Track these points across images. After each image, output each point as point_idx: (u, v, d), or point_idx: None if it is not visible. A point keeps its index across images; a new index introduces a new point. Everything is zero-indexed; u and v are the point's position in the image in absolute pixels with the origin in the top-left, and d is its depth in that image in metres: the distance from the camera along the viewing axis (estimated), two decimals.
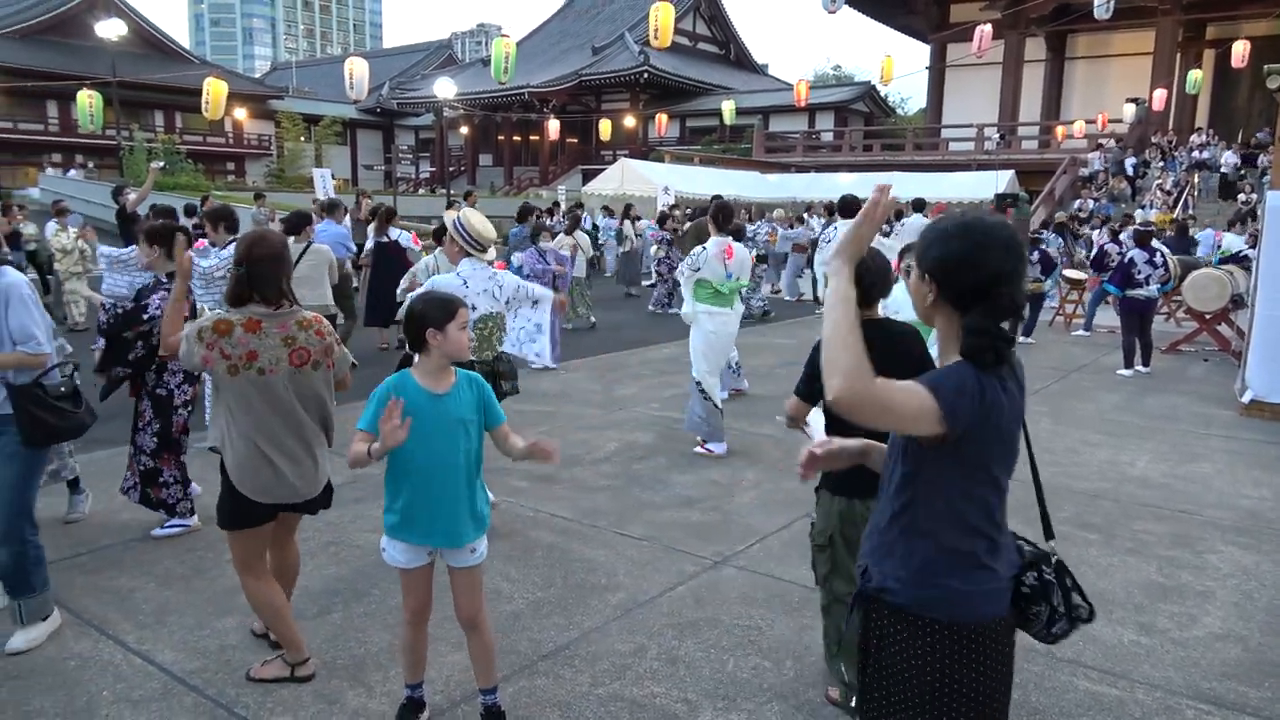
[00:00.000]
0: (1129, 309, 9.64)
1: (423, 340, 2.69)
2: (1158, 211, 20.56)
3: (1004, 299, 1.71)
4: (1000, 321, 1.71)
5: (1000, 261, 1.70)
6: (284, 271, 3.07)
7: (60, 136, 41.63)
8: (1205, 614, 3.92)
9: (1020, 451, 1.81)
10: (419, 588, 2.88)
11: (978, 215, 1.80)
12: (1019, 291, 1.73)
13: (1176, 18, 27.02)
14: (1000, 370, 1.71)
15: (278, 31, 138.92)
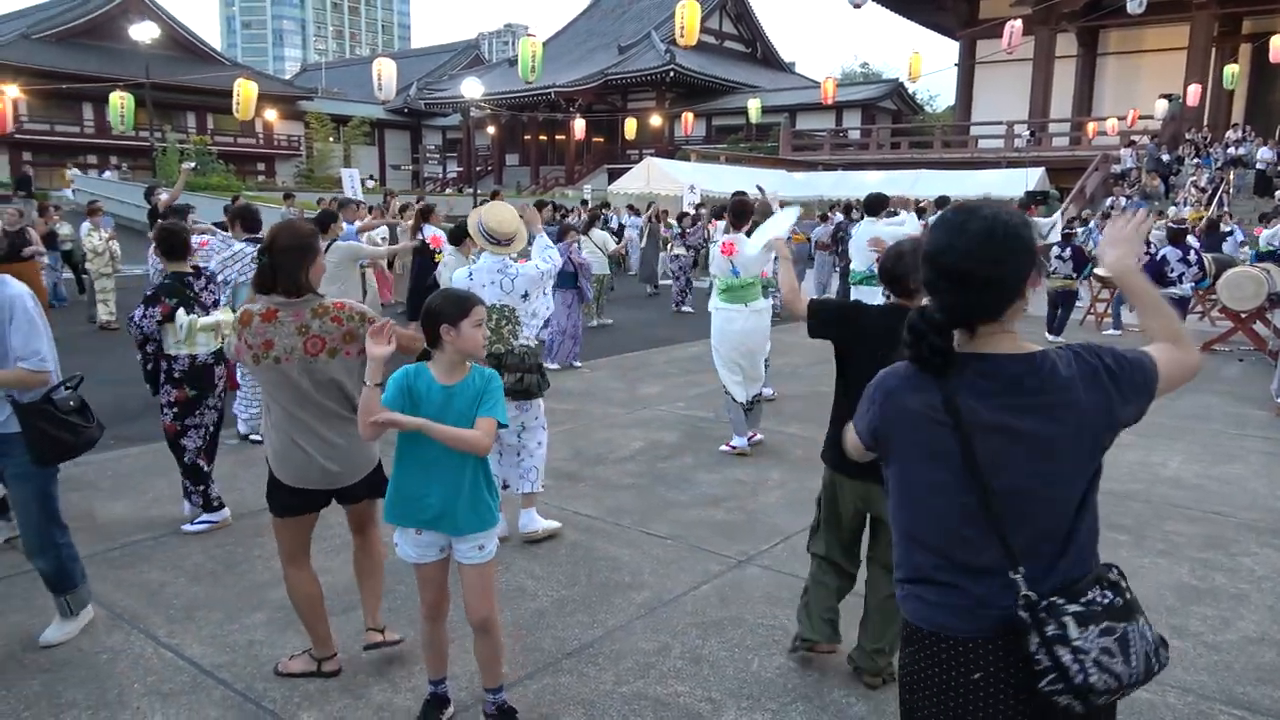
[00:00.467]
0: None
1: (438, 336, 2.70)
2: (1191, 209, 20.22)
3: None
4: (926, 316, 1.65)
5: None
6: (304, 262, 3.05)
7: (95, 138, 42.29)
8: (1239, 617, 3.85)
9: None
10: (433, 583, 2.91)
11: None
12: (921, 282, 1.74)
13: (1212, 11, 26.55)
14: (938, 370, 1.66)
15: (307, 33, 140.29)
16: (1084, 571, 1.65)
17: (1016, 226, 1.64)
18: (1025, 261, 1.64)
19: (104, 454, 6.07)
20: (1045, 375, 1.63)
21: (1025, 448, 1.62)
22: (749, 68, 46.76)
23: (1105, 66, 31.08)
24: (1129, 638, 1.58)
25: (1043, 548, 1.64)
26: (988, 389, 1.64)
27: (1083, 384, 1.63)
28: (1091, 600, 1.59)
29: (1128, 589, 1.65)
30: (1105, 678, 1.56)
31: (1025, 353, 1.66)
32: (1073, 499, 1.65)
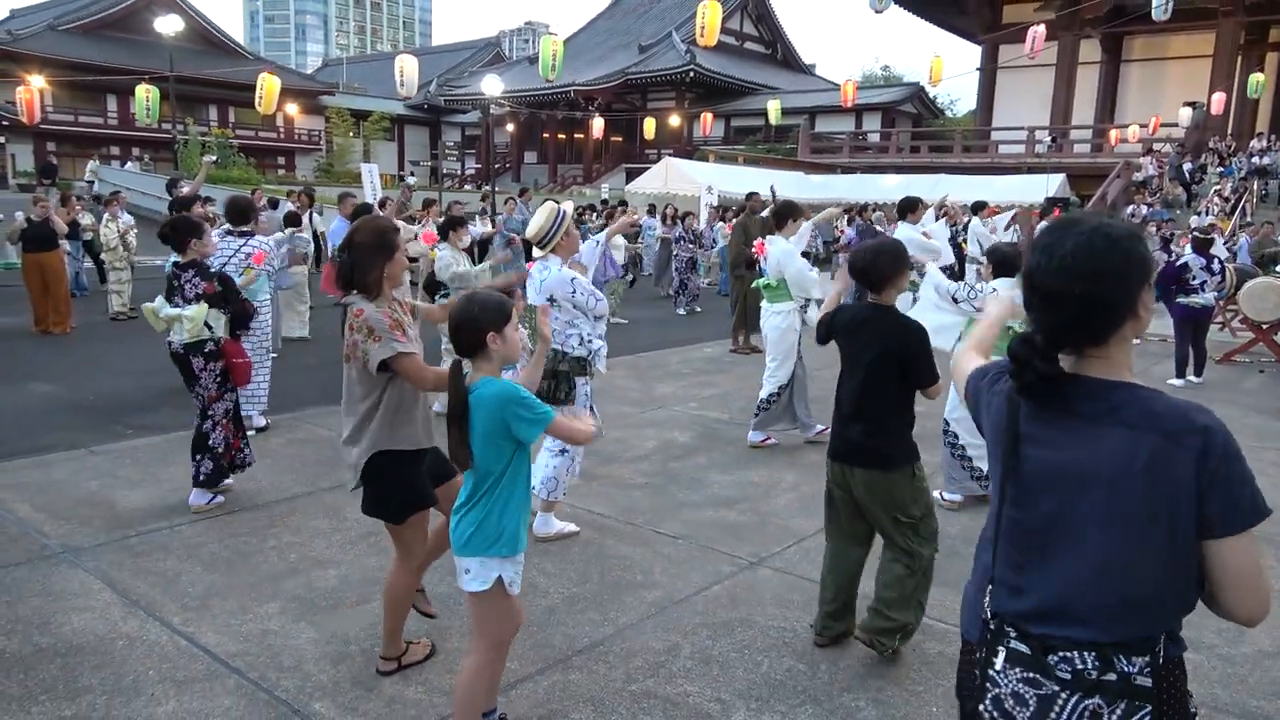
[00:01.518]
0: (1183, 316, 9.41)
1: (481, 344, 2.56)
2: (1212, 218, 20.04)
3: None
4: (1029, 340, 1.53)
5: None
6: (376, 260, 2.99)
7: (118, 129, 42.69)
8: (1255, 631, 3.82)
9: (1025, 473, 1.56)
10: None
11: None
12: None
13: (1238, 19, 26.31)
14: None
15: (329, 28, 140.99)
16: (1098, 635, 1.47)
17: (1119, 238, 1.47)
18: (1132, 278, 1.47)
19: (123, 443, 6.14)
20: (1110, 405, 1.49)
21: (1052, 469, 1.52)
22: (769, 69, 46.69)
23: (1129, 73, 30.86)
24: (1062, 704, 1.45)
25: (1045, 576, 1.53)
26: (1051, 402, 1.53)
27: (1148, 451, 1.44)
28: (1060, 656, 1.47)
29: (1140, 680, 1.45)
30: (996, 715, 1.51)
31: (1119, 381, 1.51)
32: (1110, 550, 1.47)
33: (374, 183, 19.56)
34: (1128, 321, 1.49)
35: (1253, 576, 1.45)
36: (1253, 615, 1.47)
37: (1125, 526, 1.45)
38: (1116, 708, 1.43)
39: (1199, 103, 25.24)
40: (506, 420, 2.48)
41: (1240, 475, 1.44)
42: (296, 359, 9.26)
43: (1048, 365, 1.49)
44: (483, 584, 2.57)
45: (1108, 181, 24.22)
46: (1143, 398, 1.47)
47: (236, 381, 5.00)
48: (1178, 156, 24.99)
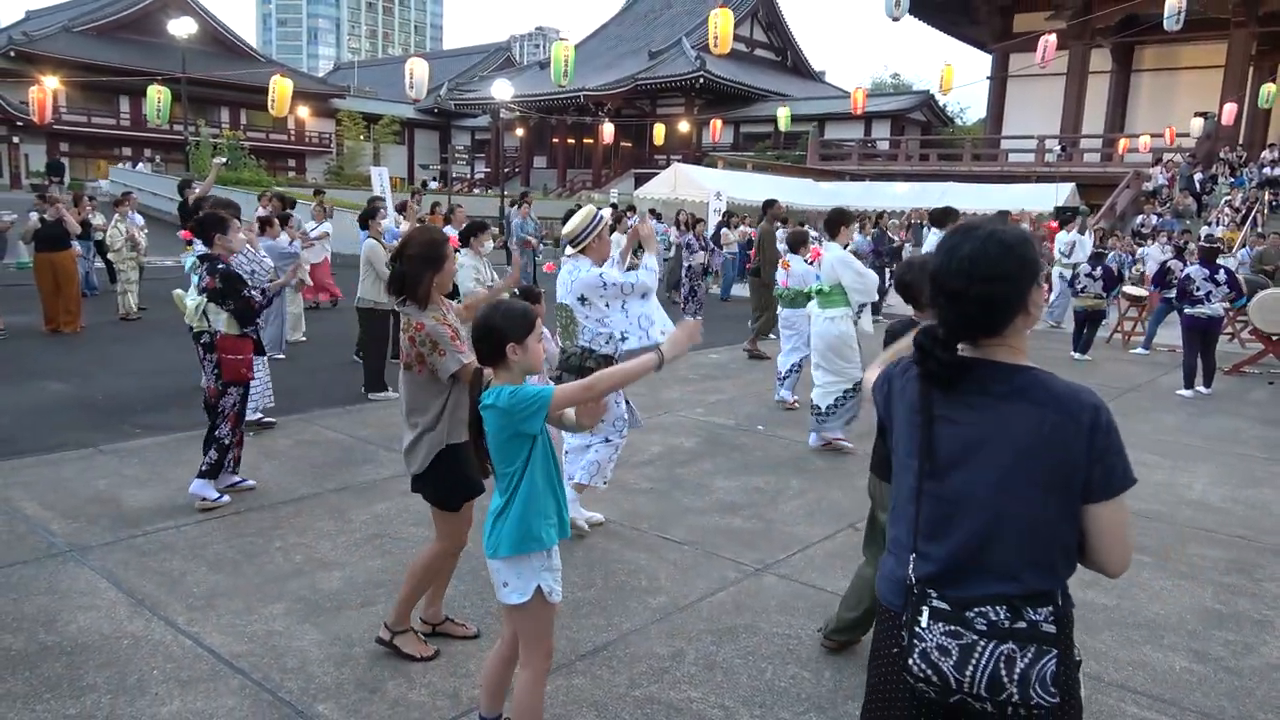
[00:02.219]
0: (1190, 327, 9.37)
1: (501, 354, 2.54)
2: (1224, 229, 19.96)
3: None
4: (931, 332, 1.73)
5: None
6: (426, 271, 3.16)
7: (130, 131, 42.92)
8: (1262, 643, 3.79)
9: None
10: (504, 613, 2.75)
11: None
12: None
13: (1250, 30, 26.22)
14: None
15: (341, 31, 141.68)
16: (1007, 588, 1.64)
17: (1012, 244, 1.67)
18: (1023, 278, 1.68)
19: (131, 442, 6.16)
20: (1014, 387, 1.68)
21: (964, 443, 1.70)
22: (779, 76, 46.69)
23: (1139, 83, 30.78)
24: (979, 652, 1.62)
25: (954, 540, 1.70)
26: (960, 384, 1.72)
27: (1048, 424, 1.64)
28: (976, 611, 1.63)
29: (1045, 627, 1.62)
30: (924, 668, 1.66)
31: (1015, 364, 1.71)
32: (1016, 513, 1.66)
33: (384, 186, 19.62)
34: (1019, 316, 1.69)
35: (1122, 535, 1.68)
36: (1121, 567, 1.71)
37: (1029, 491, 1.65)
38: (1028, 651, 1.61)
39: (1210, 113, 25.14)
40: (514, 422, 2.49)
41: (1118, 448, 1.66)
42: (302, 361, 9.28)
43: (947, 354, 1.69)
44: (522, 596, 2.55)
45: (1117, 191, 24.15)
46: (1044, 380, 1.68)
47: (224, 376, 5.03)
48: (1188, 166, 24.90)
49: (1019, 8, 30.69)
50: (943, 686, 1.65)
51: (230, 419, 5.06)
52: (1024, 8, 30.37)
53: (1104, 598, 4.16)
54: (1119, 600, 4.14)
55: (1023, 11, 30.57)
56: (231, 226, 5.21)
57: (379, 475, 5.65)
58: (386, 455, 6.06)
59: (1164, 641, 3.76)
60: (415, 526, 4.73)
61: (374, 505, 5.08)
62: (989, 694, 1.61)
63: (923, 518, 1.74)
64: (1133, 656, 3.62)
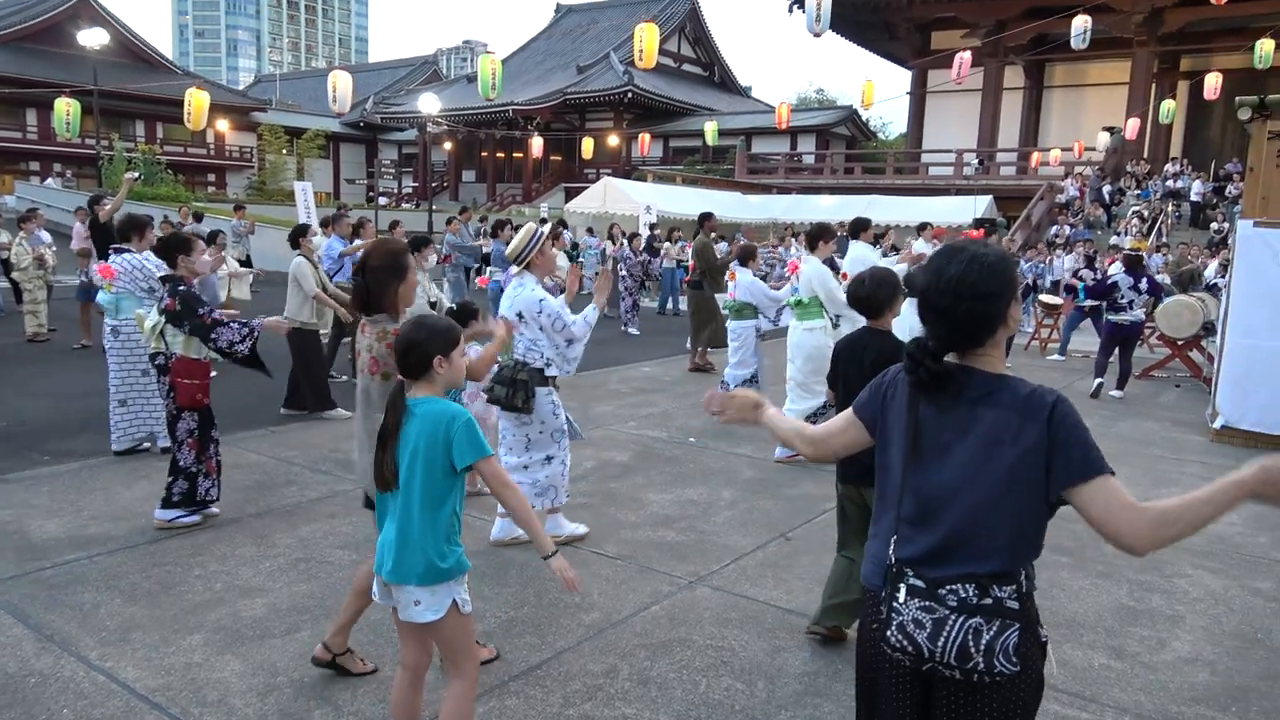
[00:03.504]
0: (1113, 333, 9.74)
1: (427, 368, 2.54)
2: (1132, 239, 20.83)
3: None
4: (922, 344, 1.89)
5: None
6: (390, 282, 3.10)
7: (38, 144, 41.26)
8: (1175, 638, 3.94)
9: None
10: (401, 632, 2.69)
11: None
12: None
13: (1151, 49, 27.50)
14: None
15: (262, 44, 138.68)
16: (976, 569, 1.81)
17: (993, 265, 1.85)
18: (1004, 295, 1.85)
19: (38, 470, 5.89)
20: (988, 391, 1.85)
21: (943, 442, 1.88)
22: (706, 91, 47.24)
23: (1051, 98, 31.98)
24: (952, 623, 1.78)
25: (933, 528, 1.87)
26: (944, 390, 1.88)
27: (1013, 423, 1.81)
28: (948, 589, 1.80)
29: (1009, 603, 1.79)
30: (900, 638, 1.82)
31: (994, 373, 1.88)
32: (985, 503, 1.82)
33: (308, 201, 19.24)
34: (1000, 329, 1.87)
35: (1120, 507, 1.77)
36: (1137, 540, 1.78)
37: (995, 484, 1.81)
38: (993, 624, 1.77)
39: (1116, 128, 26.25)
40: (448, 437, 2.47)
41: (1079, 438, 1.80)
42: (223, 382, 9.00)
43: (936, 364, 1.86)
44: (436, 612, 2.52)
45: (1032, 203, 25.01)
46: (1012, 385, 1.85)
47: (178, 400, 4.90)
48: (1098, 179, 25.95)
49: (936, 26, 31.64)
50: (916, 655, 1.82)
51: (192, 445, 4.90)
52: (941, 26, 31.32)
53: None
54: (1040, 601, 4.25)
55: (940, 30, 31.51)
56: (196, 248, 5.08)
57: (304, 498, 5.51)
58: (311, 477, 5.92)
59: (1083, 639, 3.88)
60: (342, 550, 4.62)
61: (298, 529, 4.95)
62: (958, 662, 1.77)
63: (905, 508, 1.92)
64: (1054, 655, 3.72)
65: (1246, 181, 9.90)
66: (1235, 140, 26.38)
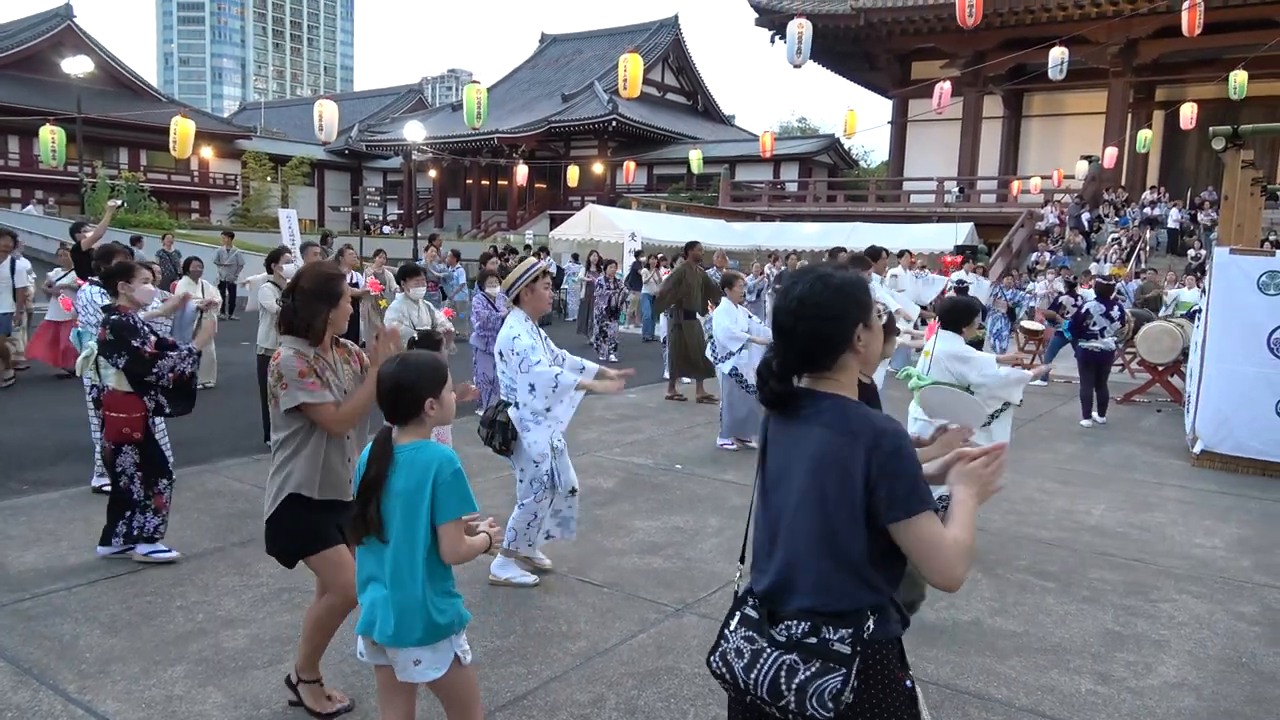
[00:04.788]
0: (1086, 360, 9.84)
1: (419, 410, 2.43)
2: (1111, 265, 21.09)
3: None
4: (768, 364, 1.86)
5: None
6: (320, 307, 3.02)
7: (20, 172, 41.06)
8: (1160, 663, 3.95)
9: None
10: (383, 692, 2.53)
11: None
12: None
13: (1128, 80, 27.98)
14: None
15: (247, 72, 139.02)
16: (812, 604, 1.74)
17: (839, 286, 1.81)
18: (848, 318, 1.80)
19: (16, 499, 5.82)
20: (817, 410, 1.80)
21: (779, 466, 1.85)
22: (690, 119, 47.68)
23: (1029, 127, 32.45)
24: (765, 658, 1.74)
25: (776, 557, 1.83)
26: (788, 412, 1.85)
27: (835, 445, 1.74)
28: (785, 624, 1.75)
29: (838, 646, 1.70)
30: (720, 665, 1.82)
31: (833, 394, 1.83)
32: (811, 531, 1.76)
33: (292, 228, 19.22)
34: (846, 352, 1.81)
35: (930, 553, 1.69)
36: (943, 582, 1.71)
37: (823, 509, 1.74)
38: (811, 665, 1.69)
39: (1094, 156, 26.64)
40: (435, 486, 2.34)
41: (904, 472, 1.70)
42: (209, 409, 8.93)
43: (780, 384, 1.83)
44: (439, 670, 2.42)
45: (1013, 230, 25.30)
46: (843, 406, 1.79)
47: (106, 435, 4.73)
48: (1077, 206, 26.29)
49: (916, 56, 32.08)
50: (734, 685, 1.80)
51: (140, 480, 4.76)
52: (921, 56, 31.76)
53: (1012, 624, 4.28)
54: (1026, 626, 4.27)
55: (920, 60, 31.95)
56: (138, 275, 4.86)
57: None
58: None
59: (1070, 665, 3.89)
60: None
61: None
62: (770, 699, 1.72)
63: (757, 536, 1.91)
64: (1041, 681, 3.73)
65: (1222, 209, 10.06)
66: (1210, 168, 26.82)
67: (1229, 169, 9.29)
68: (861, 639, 1.70)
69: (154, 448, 4.86)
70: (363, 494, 2.39)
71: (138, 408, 4.69)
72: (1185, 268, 19.21)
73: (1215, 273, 7.97)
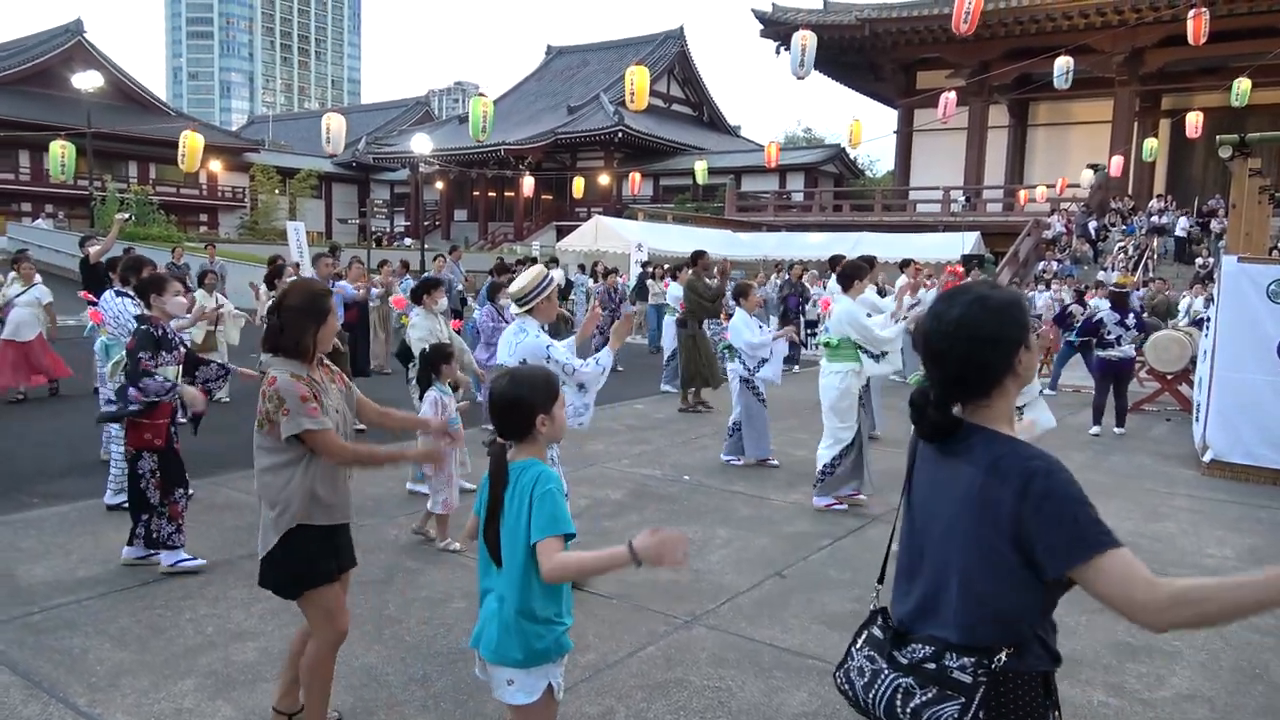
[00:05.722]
0: (1104, 370, 9.77)
1: (530, 427, 2.34)
2: (1118, 273, 21.05)
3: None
4: (924, 392, 1.79)
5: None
6: (309, 324, 2.94)
7: (30, 185, 41.38)
8: (1173, 674, 3.93)
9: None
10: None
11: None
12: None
13: (1133, 88, 28.00)
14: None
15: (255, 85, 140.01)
16: (941, 633, 1.70)
17: (998, 308, 1.69)
18: (1008, 340, 1.69)
19: (26, 513, 5.84)
20: (967, 445, 1.72)
21: (925, 495, 1.81)
22: (696, 130, 47.83)
23: (1035, 136, 32.47)
24: (883, 678, 1.73)
25: (919, 583, 1.79)
26: (942, 442, 1.78)
27: (981, 487, 1.65)
28: (910, 647, 1.73)
29: (958, 675, 1.64)
30: (844, 682, 1.83)
31: (984, 426, 1.72)
32: (955, 567, 1.70)
33: (300, 241, 19.31)
34: (1007, 377, 1.71)
35: (1116, 598, 1.58)
36: (1143, 618, 1.59)
37: (966, 544, 1.67)
38: (928, 691, 1.66)
39: (1100, 165, 26.64)
40: (531, 504, 2.28)
41: (1056, 515, 1.58)
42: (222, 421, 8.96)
43: (939, 414, 1.73)
44: (529, 696, 2.32)
45: (1019, 239, 25.28)
46: (991, 439, 1.70)
47: (128, 441, 4.87)
48: (1084, 215, 26.27)
49: (921, 66, 32.17)
50: (855, 702, 1.80)
51: (157, 485, 4.83)
52: (925, 66, 31.85)
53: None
54: None
55: (924, 70, 32.04)
56: (170, 288, 4.96)
57: None
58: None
59: (1081, 676, 3.86)
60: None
61: None
62: (883, 714, 1.73)
63: (900, 558, 1.88)
64: None
65: (1230, 217, 10.05)
66: (1217, 177, 26.76)
67: (1236, 177, 9.28)
68: (989, 669, 1.62)
69: (173, 456, 4.95)
70: (490, 515, 2.33)
71: (161, 414, 4.84)
72: (1193, 277, 19.18)
73: (1224, 281, 7.95)
